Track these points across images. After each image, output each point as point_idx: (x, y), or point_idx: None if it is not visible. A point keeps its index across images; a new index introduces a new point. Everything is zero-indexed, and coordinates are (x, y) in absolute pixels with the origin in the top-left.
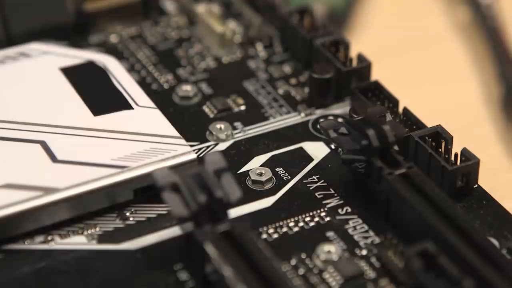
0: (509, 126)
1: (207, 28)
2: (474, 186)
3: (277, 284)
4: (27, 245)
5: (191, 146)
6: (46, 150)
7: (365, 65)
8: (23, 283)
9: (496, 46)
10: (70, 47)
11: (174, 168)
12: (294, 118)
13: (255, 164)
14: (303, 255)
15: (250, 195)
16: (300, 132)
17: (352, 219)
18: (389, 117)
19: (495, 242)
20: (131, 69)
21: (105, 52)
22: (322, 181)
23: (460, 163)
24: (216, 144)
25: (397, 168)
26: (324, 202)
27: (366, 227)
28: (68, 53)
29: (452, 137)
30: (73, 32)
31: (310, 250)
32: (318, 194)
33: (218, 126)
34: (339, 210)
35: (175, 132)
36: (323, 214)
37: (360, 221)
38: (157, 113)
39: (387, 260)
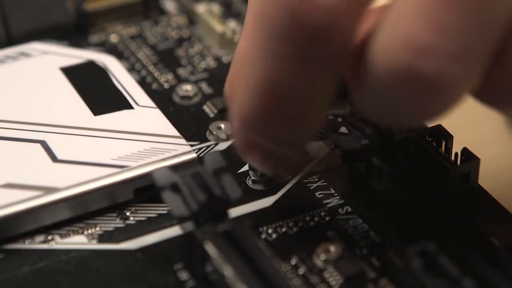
0: (509, 126)
1: (207, 28)
2: (474, 186)
3: (277, 284)
4: (27, 244)
5: (191, 145)
6: (46, 149)
7: None
8: (23, 282)
9: None
10: (70, 47)
11: (174, 167)
12: None
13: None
14: (303, 255)
15: (250, 195)
16: None
17: (352, 219)
18: None
19: (495, 242)
20: (131, 69)
21: (105, 52)
22: (322, 181)
23: (460, 163)
24: (216, 144)
25: (397, 167)
26: (324, 202)
27: (366, 227)
28: (68, 53)
29: (452, 137)
30: (73, 32)
31: (310, 250)
32: (318, 194)
33: (218, 125)
34: (339, 210)
35: (175, 132)
36: (323, 214)
37: (360, 221)
38: (157, 113)
39: (387, 260)
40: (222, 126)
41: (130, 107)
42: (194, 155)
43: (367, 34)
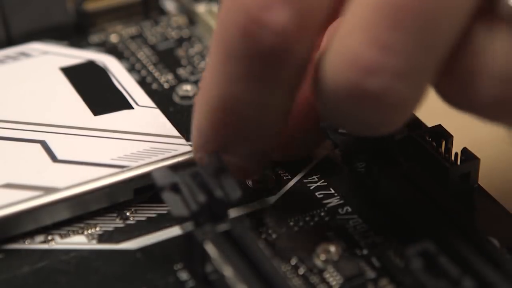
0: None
1: (207, 28)
2: (474, 186)
3: (277, 284)
4: (27, 244)
5: (191, 145)
6: (46, 149)
7: None
8: (23, 283)
9: None
10: (70, 47)
11: (174, 167)
12: None
13: None
14: (303, 255)
15: (250, 195)
16: None
17: (352, 219)
18: None
19: (495, 242)
20: (131, 69)
21: (105, 52)
22: (322, 181)
23: (460, 163)
24: None
25: (397, 168)
26: (324, 202)
27: (366, 227)
28: (68, 53)
29: (452, 137)
30: (73, 32)
31: (310, 250)
32: (318, 194)
33: None
34: (339, 210)
35: (175, 132)
36: (323, 214)
37: (360, 221)
38: (157, 113)
39: (387, 260)
40: None
41: (130, 107)
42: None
43: (322, 49)
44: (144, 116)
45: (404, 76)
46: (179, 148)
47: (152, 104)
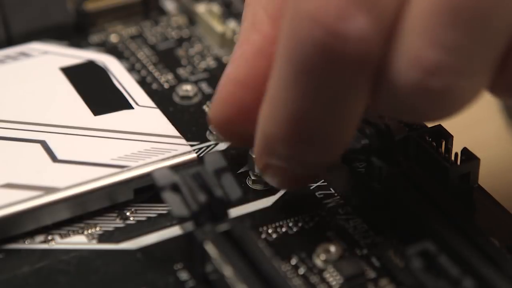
0: (509, 126)
1: (207, 28)
2: (474, 186)
3: (277, 284)
4: (27, 244)
5: (191, 145)
6: (46, 149)
7: None
8: (23, 283)
9: None
10: (70, 47)
11: (174, 167)
12: None
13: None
14: (303, 255)
15: (250, 195)
16: None
17: (352, 219)
18: None
19: (495, 242)
20: (131, 69)
21: (105, 52)
22: (322, 181)
23: (460, 162)
24: (216, 144)
25: (397, 167)
26: (324, 202)
27: (366, 227)
28: (68, 53)
29: (452, 137)
30: (73, 32)
31: (310, 250)
32: (318, 194)
33: None
34: (339, 210)
35: (175, 132)
36: (323, 214)
37: (360, 221)
38: (157, 113)
39: (387, 260)
40: None
41: (130, 107)
42: (194, 155)
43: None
44: (144, 116)
45: (464, 73)
46: (179, 148)
47: (152, 104)
